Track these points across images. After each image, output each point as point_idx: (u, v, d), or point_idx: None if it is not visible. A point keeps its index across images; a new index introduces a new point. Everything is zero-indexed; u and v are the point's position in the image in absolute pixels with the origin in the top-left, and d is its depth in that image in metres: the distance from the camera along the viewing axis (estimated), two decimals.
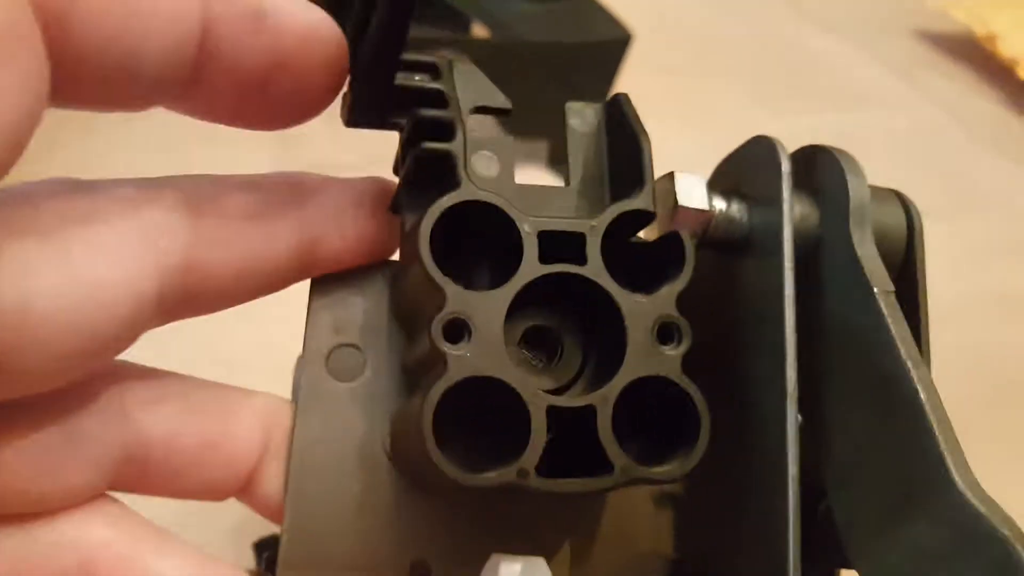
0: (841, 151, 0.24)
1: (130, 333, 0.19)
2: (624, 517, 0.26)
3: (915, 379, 0.20)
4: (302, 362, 0.24)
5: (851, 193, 0.23)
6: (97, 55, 0.16)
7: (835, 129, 0.50)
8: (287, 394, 0.25)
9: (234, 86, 0.19)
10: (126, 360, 0.22)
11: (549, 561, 0.24)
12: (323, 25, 0.20)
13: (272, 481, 0.23)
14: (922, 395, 0.20)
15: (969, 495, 0.18)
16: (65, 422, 0.19)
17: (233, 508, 0.24)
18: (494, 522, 0.24)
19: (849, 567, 0.22)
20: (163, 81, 0.17)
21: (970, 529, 0.18)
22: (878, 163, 0.50)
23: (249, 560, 0.35)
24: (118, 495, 0.22)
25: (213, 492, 0.23)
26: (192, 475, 0.22)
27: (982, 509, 0.18)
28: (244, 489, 0.23)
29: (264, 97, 0.20)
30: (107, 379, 0.21)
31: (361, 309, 0.24)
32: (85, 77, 0.16)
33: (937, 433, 0.19)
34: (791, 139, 0.48)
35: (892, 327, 0.21)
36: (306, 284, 0.24)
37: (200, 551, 0.21)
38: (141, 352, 0.21)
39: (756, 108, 0.51)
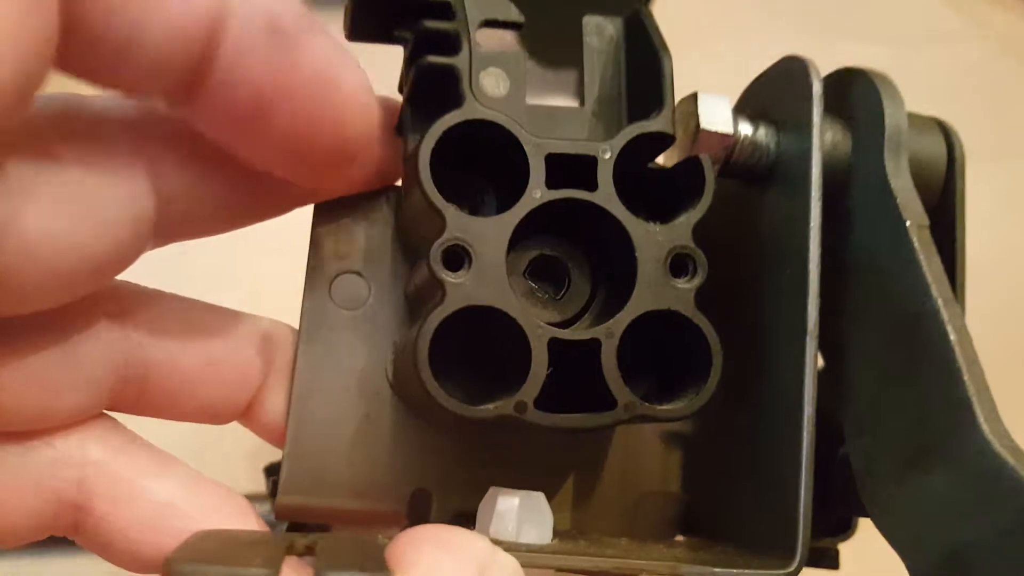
0: (878, 74, 0.22)
1: (130, 253, 0.19)
2: (632, 456, 0.25)
3: (946, 318, 0.19)
4: (306, 289, 0.23)
5: (887, 120, 0.21)
6: (101, 23, 0.15)
7: (881, 62, 0.48)
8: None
9: (233, 102, 0.17)
10: (128, 280, 0.21)
11: (551, 497, 0.23)
12: (351, 80, 0.17)
13: (274, 406, 0.23)
14: (952, 336, 0.18)
15: (996, 443, 0.17)
16: (64, 341, 0.19)
17: (251, 433, 0.24)
18: (497, 454, 0.23)
19: (864, 515, 0.21)
20: (163, 70, 0.16)
21: (994, 479, 0.17)
22: (925, 98, 0.47)
23: (263, 483, 0.35)
24: (127, 417, 0.21)
25: (214, 415, 0.23)
26: (192, 397, 0.22)
27: (1009, 459, 0.17)
28: (246, 413, 0.23)
29: (265, 130, 0.18)
30: (107, 299, 0.20)
31: (365, 236, 0.23)
32: (86, 45, 0.15)
33: (965, 376, 0.18)
34: (829, 69, 0.46)
35: (924, 263, 0.19)
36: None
37: (196, 472, 0.21)
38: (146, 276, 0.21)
39: (800, 37, 0.48)
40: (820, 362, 0.23)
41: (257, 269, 0.40)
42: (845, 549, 0.27)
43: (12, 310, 0.17)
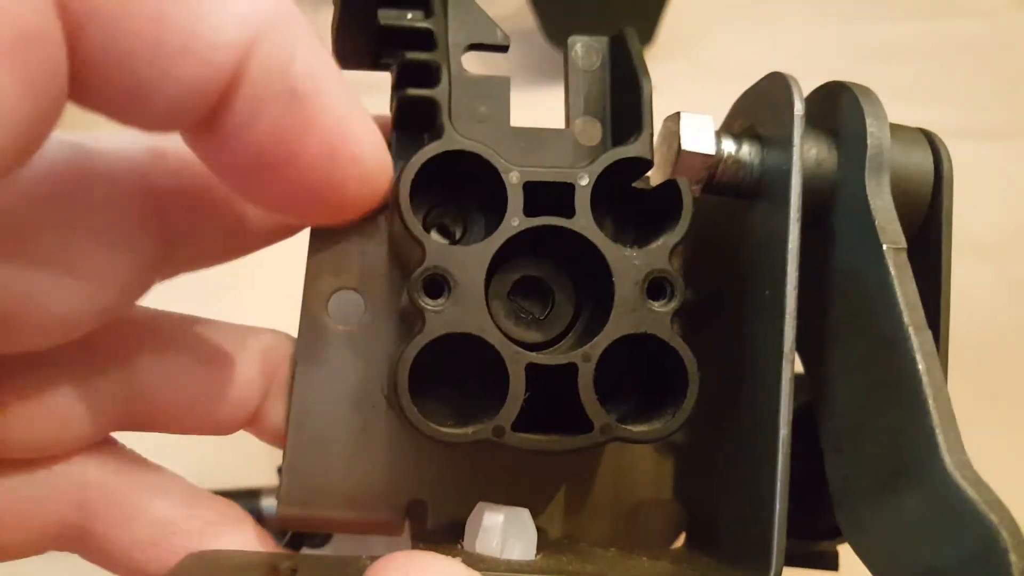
0: (863, 89, 0.22)
1: (136, 292, 0.19)
2: (626, 464, 0.25)
3: (915, 346, 0.19)
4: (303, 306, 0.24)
5: (869, 138, 0.21)
6: (116, 72, 0.15)
7: (909, 39, 0.46)
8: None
9: (243, 156, 0.17)
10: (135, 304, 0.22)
11: (544, 506, 0.24)
12: (363, 142, 0.18)
13: (278, 415, 0.23)
14: (920, 365, 0.19)
15: (957, 476, 0.17)
16: (70, 374, 0.20)
17: None
18: (490, 465, 0.24)
19: (840, 534, 0.21)
20: (176, 115, 0.16)
21: (956, 510, 0.17)
22: (954, 75, 0.46)
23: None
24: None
25: (219, 429, 0.24)
26: (196, 416, 0.23)
27: (969, 492, 0.17)
28: (251, 423, 0.24)
29: (273, 183, 0.18)
30: (113, 329, 0.21)
31: (360, 253, 0.24)
32: (98, 88, 0.15)
33: (932, 407, 0.18)
34: (860, 50, 0.45)
35: (898, 288, 0.19)
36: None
37: (194, 488, 0.22)
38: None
39: (824, 14, 0.47)
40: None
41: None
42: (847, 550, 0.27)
43: (18, 349, 0.18)
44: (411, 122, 0.21)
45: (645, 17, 0.40)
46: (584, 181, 0.21)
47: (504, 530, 0.21)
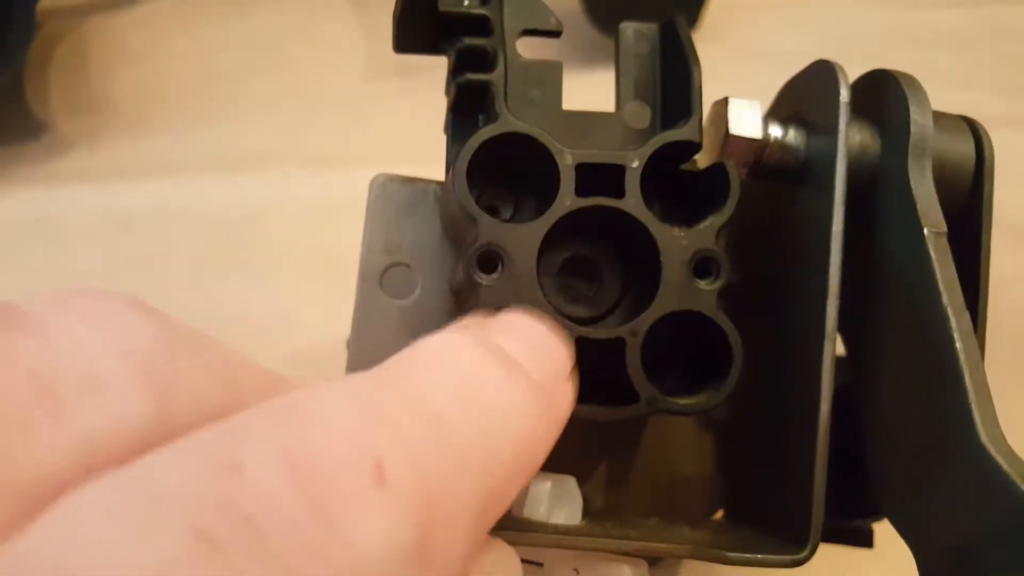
0: (907, 76, 0.22)
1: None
2: (669, 439, 0.26)
3: (953, 327, 0.19)
4: (359, 280, 0.25)
5: (912, 125, 0.22)
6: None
7: (957, 25, 0.46)
8: None
9: None
10: None
11: (588, 478, 0.25)
12: None
13: None
14: (958, 344, 0.19)
15: (991, 449, 0.18)
16: None
17: None
18: None
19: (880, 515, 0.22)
20: None
21: (991, 483, 0.18)
22: (1001, 62, 0.45)
23: None
24: None
25: None
26: None
27: (1003, 465, 0.18)
28: None
29: None
30: None
31: (413, 230, 0.25)
32: None
33: (968, 383, 0.19)
34: (907, 36, 0.45)
35: (938, 271, 0.20)
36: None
37: None
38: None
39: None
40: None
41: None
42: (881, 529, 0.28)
43: None
44: (467, 106, 0.22)
45: (690, 2, 0.41)
46: (635, 163, 0.21)
47: (551, 496, 0.22)
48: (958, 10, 0.46)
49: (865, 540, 0.28)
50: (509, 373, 0.16)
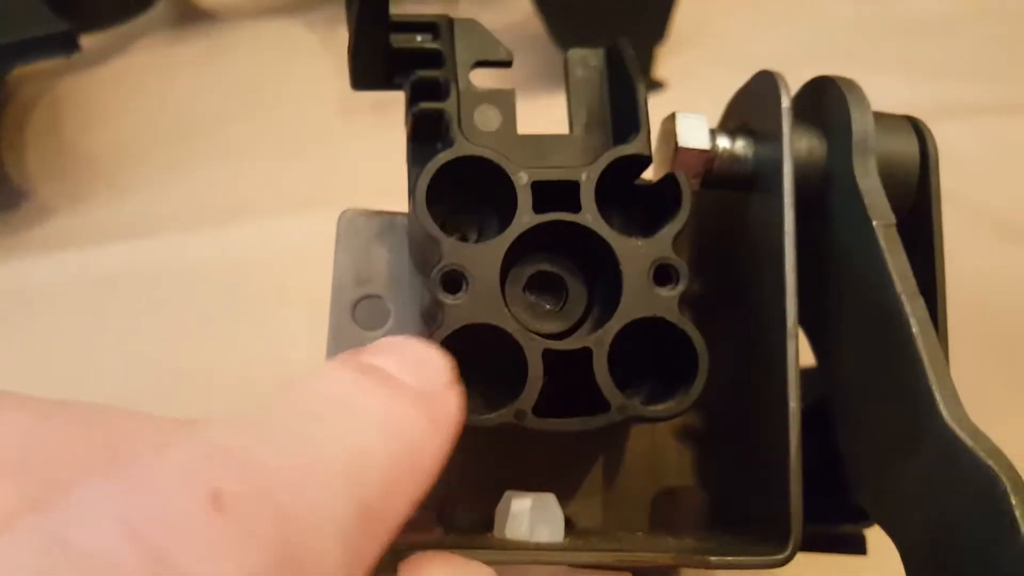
0: (847, 81, 0.23)
1: None
2: (649, 456, 0.26)
3: (908, 312, 0.20)
4: (331, 312, 0.25)
5: (854, 124, 0.22)
6: None
7: (936, 13, 0.45)
8: None
9: None
10: None
11: (575, 495, 0.25)
12: None
13: None
14: (914, 328, 0.20)
15: (955, 427, 0.18)
16: None
17: None
18: (518, 459, 0.25)
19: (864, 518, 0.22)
20: None
21: (957, 460, 0.18)
22: (981, 50, 0.44)
23: None
24: None
25: None
26: None
27: (968, 441, 0.18)
28: None
29: None
30: None
31: (383, 261, 0.25)
32: None
33: (927, 366, 0.19)
34: (886, 27, 0.43)
35: (889, 260, 0.21)
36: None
37: None
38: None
39: None
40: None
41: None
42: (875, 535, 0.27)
43: None
44: (425, 134, 0.23)
45: (655, 15, 0.40)
46: (587, 178, 0.22)
47: (532, 515, 0.22)
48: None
49: (858, 547, 0.28)
50: (379, 384, 0.16)
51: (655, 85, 0.40)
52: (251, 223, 0.41)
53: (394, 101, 0.25)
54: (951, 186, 0.24)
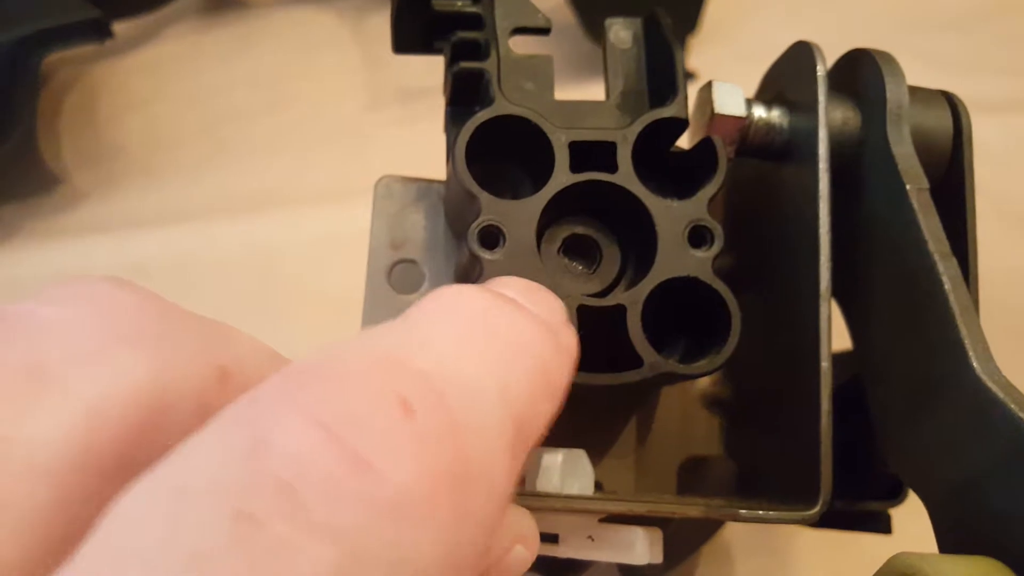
0: (882, 53, 0.24)
1: None
2: (678, 421, 0.27)
3: (941, 271, 0.20)
4: (367, 277, 0.26)
5: (888, 94, 0.23)
6: None
7: (957, 9, 0.46)
8: None
9: None
10: None
11: (602, 460, 0.25)
12: None
13: None
14: (947, 285, 0.20)
15: (986, 379, 0.19)
16: None
17: None
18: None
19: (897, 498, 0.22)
20: None
21: (988, 413, 0.18)
22: (1008, 48, 0.44)
23: None
24: None
25: None
26: None
27: (1000, 394, 0.18)
28: None
29: None
30: None
31: (418, 226, 0.26)
32: None
33: (959, 322, 0.19)
34: (906, 22, 0.44)
35: (922, 222, 0.21)
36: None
37: None
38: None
39: None
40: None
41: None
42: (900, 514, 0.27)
43: None
44: (464, 98, 0.23)
45: (687, 5, 0.41)
46: (625, 139, 0.22)
47: (563, 468, 0.22)
48: None
49: (883, 526, 0.28)
50: (515, 307, 0.16)
51: (687, 75, 0.41)
52: (280, 212, 0.42)
53: (421, 93, 0.25)
54: (976, 179, 0.24)
